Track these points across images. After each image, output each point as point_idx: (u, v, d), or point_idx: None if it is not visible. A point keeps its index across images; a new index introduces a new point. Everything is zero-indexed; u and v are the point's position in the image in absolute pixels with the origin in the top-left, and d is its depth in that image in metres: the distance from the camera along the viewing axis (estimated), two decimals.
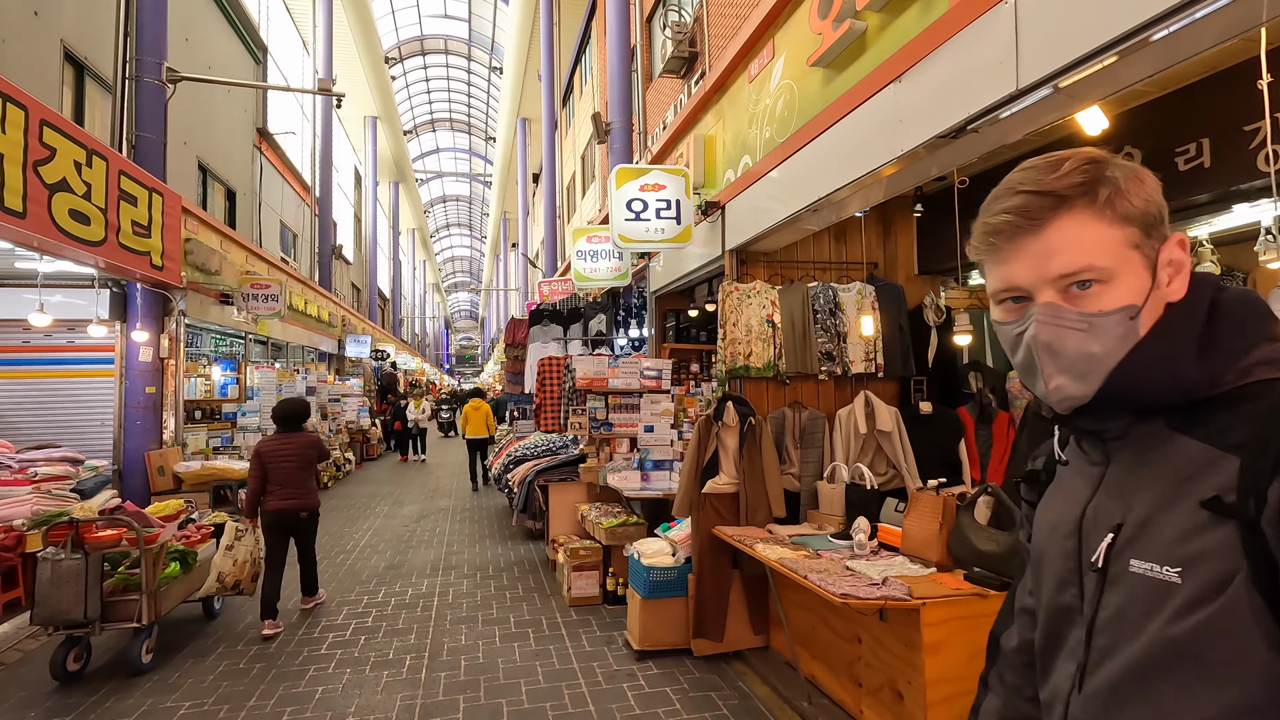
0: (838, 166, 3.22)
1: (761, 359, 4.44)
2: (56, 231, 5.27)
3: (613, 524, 5.22)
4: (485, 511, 9.22)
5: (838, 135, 3.24)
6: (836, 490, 4.22)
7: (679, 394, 6.27)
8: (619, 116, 8.76)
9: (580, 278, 6.43)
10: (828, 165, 3.34)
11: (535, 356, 8.44)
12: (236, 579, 4.75)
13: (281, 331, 11.70)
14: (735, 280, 4.52)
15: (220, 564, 4.67)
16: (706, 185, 4.94)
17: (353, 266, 26.35)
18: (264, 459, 4.88)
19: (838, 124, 3.19)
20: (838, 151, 3.25)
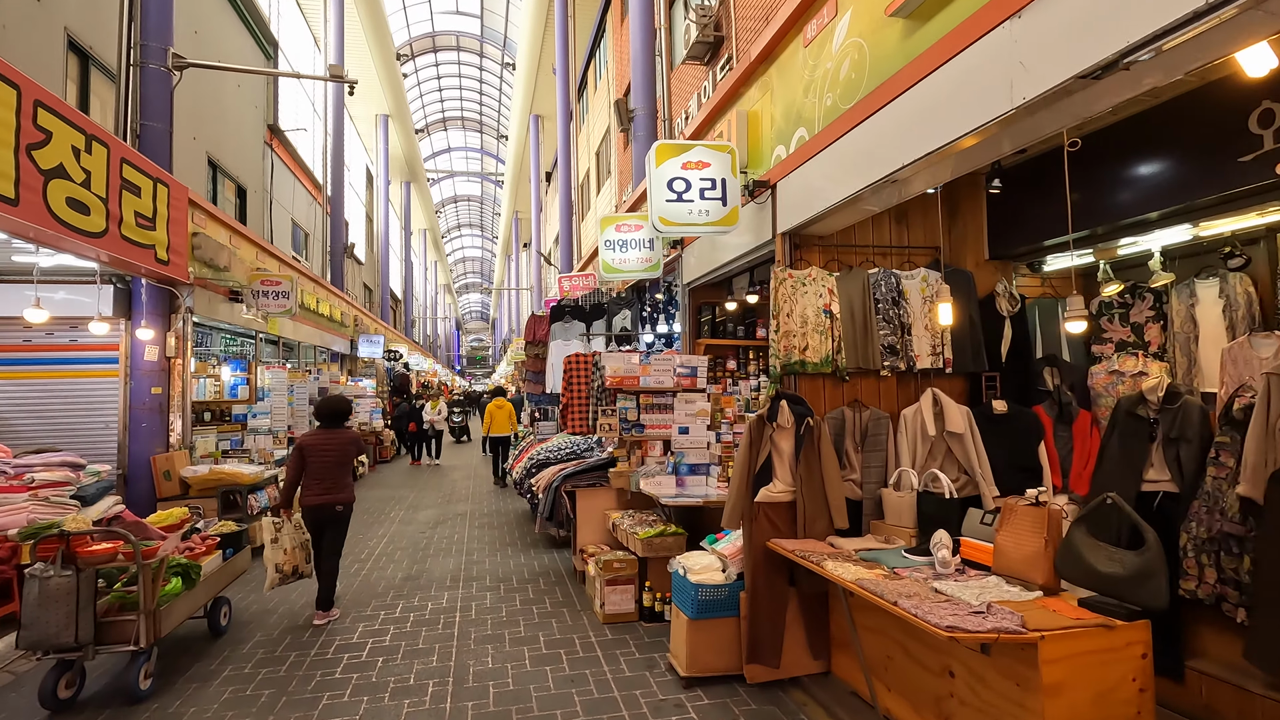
0: (926, 129, 2.79)
1: (818, 353, 4.01)
2: (53, 221, 4.92)
3: (649, 534, 4.80)
4: (504, 516, 8.83)
5: (926, 92, 2.81)
6: (905, 499, 3.79)
7: (715, 393, 5.85)
8: (643, 103, 8.36)
9: (609, 269, 6.02)
10: (911, 129, 2.91)
11: (557, 354, 8.04)
12: (293, 564, 4.95)
13: (293, 331, 11.38)
14: (789, 266, 4.09)
15: (272, 557, 4.89)
16: (750, 165, 4.52)
17: (365, 266, 26.10)
18: (304, 452, 4.98)
19: (927, 79, 2.76)
20: (926, 111, 2.82)
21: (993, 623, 2.44)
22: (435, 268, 50.88)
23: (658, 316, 7.84)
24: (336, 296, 14.97)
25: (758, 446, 3.94)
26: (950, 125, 2.64)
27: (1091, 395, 4.24)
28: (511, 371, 29.50)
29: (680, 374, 5.79)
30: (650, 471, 5.54)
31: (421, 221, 39.88)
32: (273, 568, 4.86)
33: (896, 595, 2.72)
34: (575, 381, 5.85)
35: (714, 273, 5.53)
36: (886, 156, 3.13)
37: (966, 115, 2.54)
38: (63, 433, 6.74)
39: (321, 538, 5.04)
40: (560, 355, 8.04)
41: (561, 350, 8.06)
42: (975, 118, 2.49)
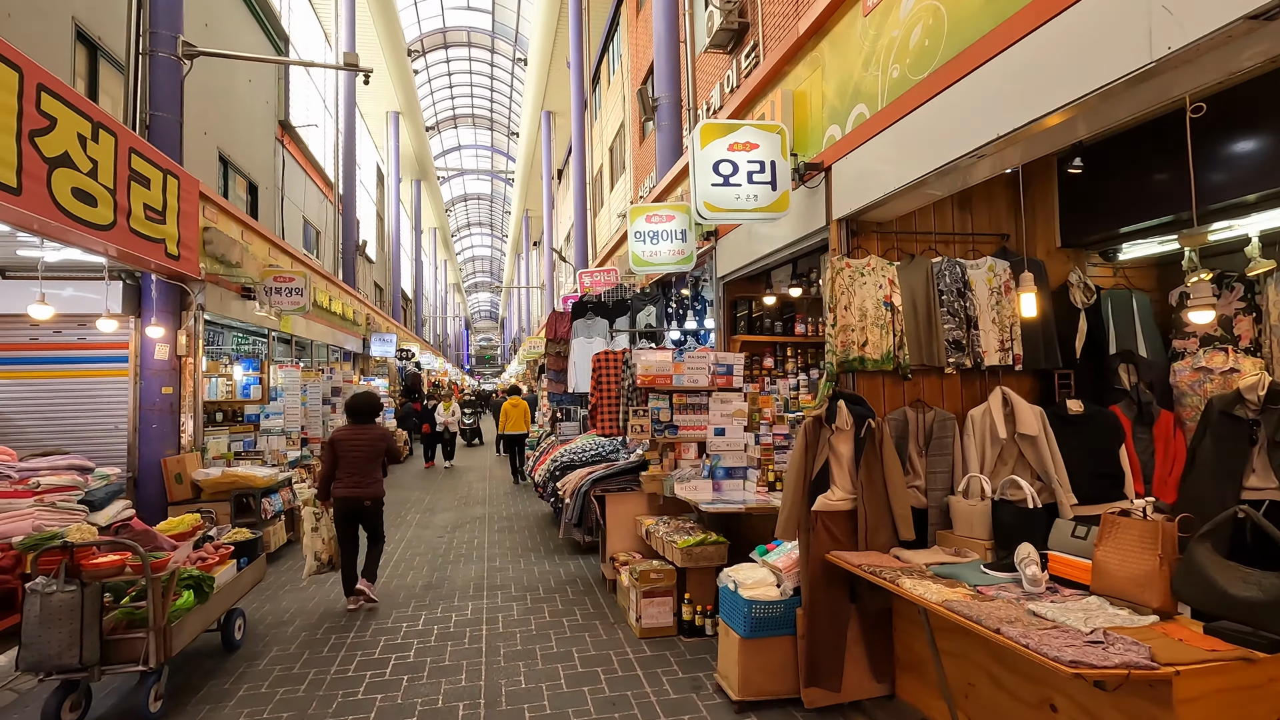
0: (1029, 94, 2.47)
1: (879, 348, 3.70)
2: (58, 212, 4.66)
3: (689, 543, 4.50)
4: (524, 520, 8.55)
5: (1030, 51, 2.49)
6: (977, 508, 3.47)
7: (752, 392, 5.54)
8: (667, 91, 8.05)
9: (639, 262, 5.72)
10: (1007, 96, 2.60)
11: (580, 352, 7.75)
12: (329, 554, 5.21)
13: (306, 329, 11.14)
14: (846, 255, 3.77)
15: (312, 545, 5.14)
16: (797, 148, 4.20)
17: (375, 265, 25.93)
18: (336, 447, 5.20)
19: (1033, 34, 2.44)
20: (1027, 73, 2.50)
21: (1120, 657, 2.12)
22: (445, 267, 50.75)
23: (684, 313, 7.54)
24: (349, 294, 14.74)
25: (814, 451, 3.62)
26: (1061, 87, 2.32)
27: (1174, 394, 3.90)
28: (524, 370, 29.30)
29: (715, 372, 5.49)
30: (685, 476, 5.23)
31: (431, 220, 39.72)
32: (312, 555, 5.13)
33: (997, 621, 2.41)
34: (605, 380, 5.55)
35: (751, 265, 5.22)
36: (971, 130, 2.81)
37: (1085, 74, 2.22)
38: (71, 434, 6.51)
39: (354, 528, 5.26)
40: (583, 353, 7.75)
41: (584, 348, 7.77)
42: (1096, 76, 2.17)
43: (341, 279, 16.18)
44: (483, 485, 11.68)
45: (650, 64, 14.75)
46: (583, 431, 7.97)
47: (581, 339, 7.79)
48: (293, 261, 9.94)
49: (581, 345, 7.78)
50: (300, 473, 8.91)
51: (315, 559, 5.12)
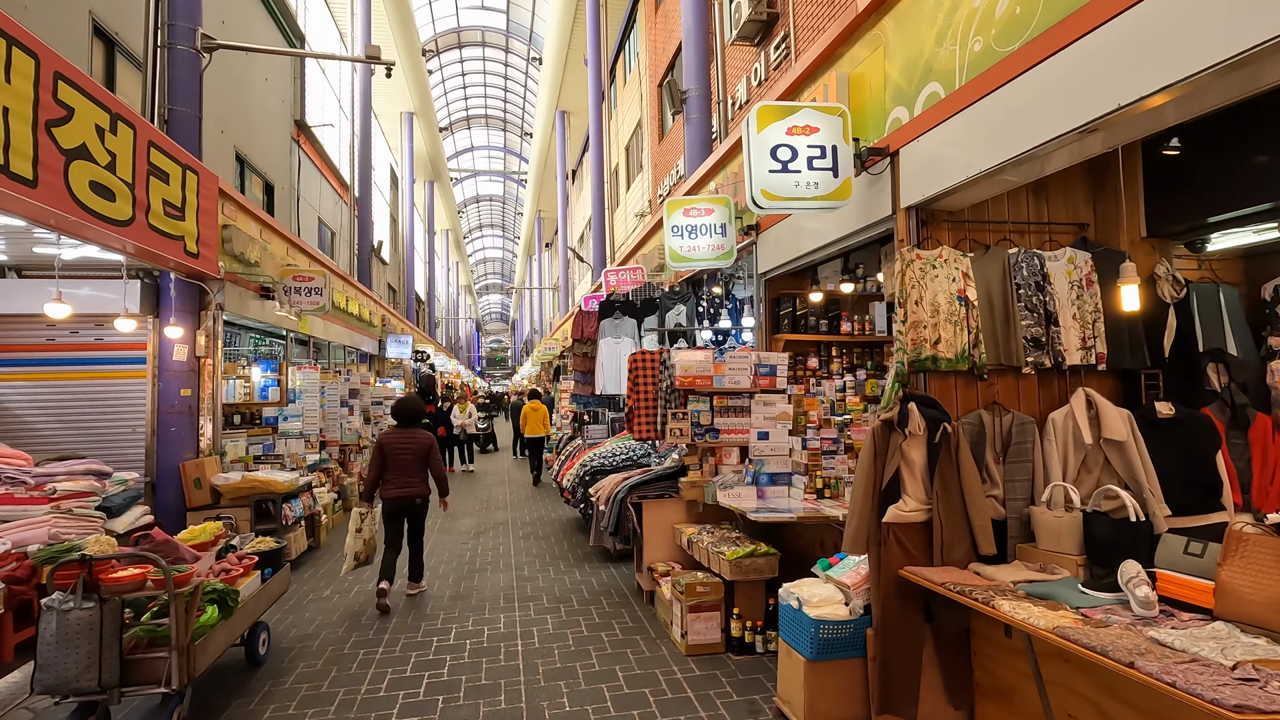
0: (1144, 66, 2.20)
1: (953, 347, 3.42)
2: (75, 206, 4.47)
3: (738, 554, 4.23)
4: (549, 525, 8.31)
5: (1147, 15, 2.21)
6: (1064, 521, 3.18)
7: (797, 394, 5.27)
8: (696, 83, 7.80)
9: (676, 258, 5.46)
10: (1118, 68, 2.32)
11: (606, 353, 7.51)
12: (367, 552, 5.52)
13: (324, 330, 10.96)
14: (915, 246, 3.50)
15: (353, 545, 5.43)
16: (856, 132, 3.92)
17: (389, 267, 25.83)
18: (385, 450, 5.46)
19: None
20: (1144, 42, 2.22)
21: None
22: (457, 269, 50.71)
23: (717, 312, 7.28)
24: (365, 295, 14.58)
25: (884, 458, 3.35)
26: (1190, 57, 2.05)
27: (1272, 396, 3.61)
28: (538, 372, 29.10)
29: (758, 373, 5.22)
30: (728, 482, 4.97)
31: (444, 222, 39.66)
32: (352, 556, 5.42)
33: (1127, 654, 2.13)
34: (642, 381, 5.29)
35: (798, 260, 4.95)
36: (1074, 106, 2.54)
37: (1226, 39, 1.95)
38: (88, 437, 6.33)
39: (400, 526, 5.54)
40: (610, 354, 7.51)
41: (612, 349, 7.52)
42: (1234, 42, 1.89)
43: (357, 280, 16.04)
44: (502, 489, 11.45)
45: (671, 59, 14.51)
46: (611, 435, 7.72)
47: (609, 339, 7.54)
48: (310, 261, 9.76)
49: (609, 346, 7.53)
50: (319, 476, 8.71)
51: (355, 559, 5.44)
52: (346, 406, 10.89)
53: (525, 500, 10.31)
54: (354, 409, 11.25)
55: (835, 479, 4.82)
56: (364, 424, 11.79)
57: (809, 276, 5.49)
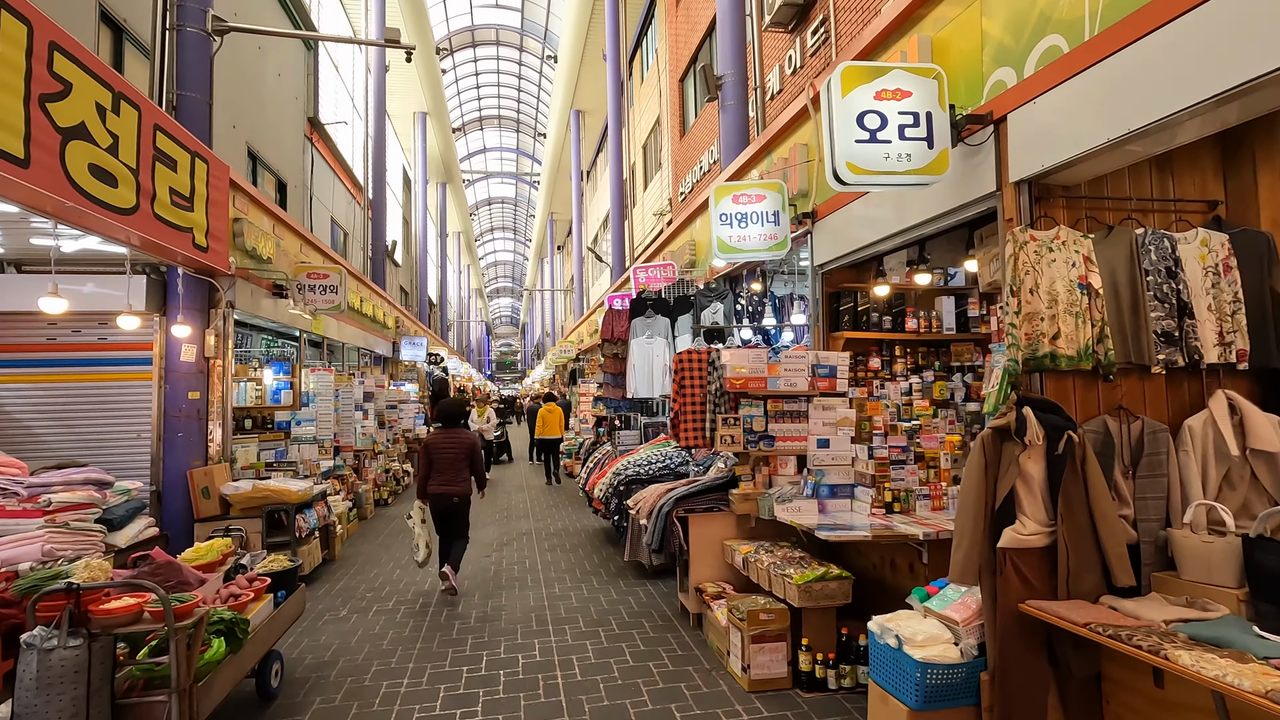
0: None
1: (1074, 342, 2.94)
2: (73, 190, 4.07)
3: (808, 578, 3.75)
4: (576, 537, 7.85)
5: None
6: (1217, 547, 2.69)
7: (859, 397, 4.79)
8: (732, 67, 7.36)
9: (725, 249, 5.01)
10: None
11: (638, 354, 7.05)
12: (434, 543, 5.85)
13: (338, 331, 10.58)
14: (1028, 226, 3.02)
15: (422, 535, 5.77)
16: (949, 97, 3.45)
17: (401, 269, 25.52)
18: (430, 451, 5.74)
19: None
20: None
21: None
22: (468, 272, 50.50)
23: (758, 310, 6.81)
24: (379, 296, 14.21)
25: (995, 472, 2.88)
26: None
27: None
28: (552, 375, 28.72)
29: (817, 374, 4.75)
30: (785, 495, 4.49)
31: (456, 225, 39.41)
32: (423, 545, 5.76)
33: None
34: (688, 384, 4.83)
35: (863, 250, 4.48)
36: (1234, 63, 2.07)
37: None
38: (89, 443, 5.93)
39: (444, 523, 5.77)
40: (643, 355, 7.06)
41: (644, 349, 7.07)
42: None
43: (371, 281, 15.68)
44: (521, 496, 11.00)
45: (694, 52, 14.07)
46: (644, 441, 7.27)
47: (641, 339, 7.09)
48: (324, 259, 9.38)
49: (641, 346, 7.07)
50: (334, 484, 8.31)
51: (425, 548, 5.76)
52: (361, 410, 10.49)
53: (548, 508, 9.85)
54: (368, 413, 10.86)
55: (905, 491, 4.34)
56: (379, 428, 11.40)
57: (870, 269, 5.01)
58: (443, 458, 5.68)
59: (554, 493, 11.39)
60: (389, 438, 12.11)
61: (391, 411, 12.49)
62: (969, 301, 5.01)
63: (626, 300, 7.28)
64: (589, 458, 8.47)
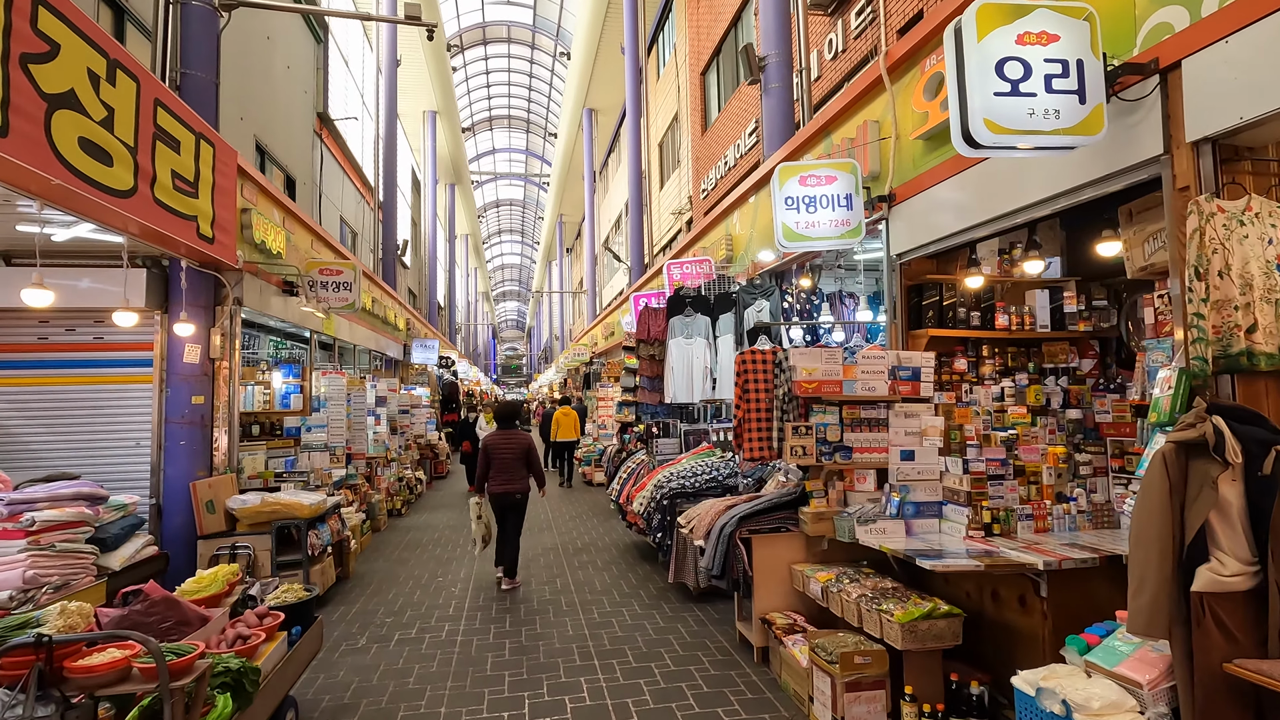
0: None
1: (1275, 337, 2.39)
2: (60, 166, 3.56)
3: (914, 615, 3.21)
4: (607, 552, 7.30)
5: None
6: None
7: (946, 403, 4.25)
8: (776, 48, 6.85)
9: (792, 236, 4.48)
10: None
11: (677, 355, 6.52)
12: (489, 535, 6.15)
13: (349, 333, 10.08)
14: (1213, 195, 2.48)
15: (478, 530, 6.11)
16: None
17: (410, 272, 25.07)
18: (489, 451, 6.00)
19: None
20: None
21: None
22: (475, 275, 50.08)
23: (808, 308, 6.28)
24: (391, 297, 13.73)
25: (1182, 496, 2.33)
26: None
27: None
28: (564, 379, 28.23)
29: (899, 377, 4.21)
30: (868, 514, 3.95)
31: (464, 227, 38.99)
32: (479, 539, 6.11)
33: None
34: (753, 388, 4.29)
35: (955, 236, 3.95)
36: None
37: None
38: (83, 453, 5.43)
39: (505, 520, 6.04)
40: (681, 356, 6.53)
41: (683, 350, 6.54)
42: None
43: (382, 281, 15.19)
44: (541, 506, 10.46)
45: (718, 42, 13.57)
46: (684, 450, 6.73)
47: (679, 339, 6.56)
48: (336, 256, 8.89)
49: (680, 347, 6.54)
50: (346, 494, 7.79)
51: (482, 541, 6.10)
52: (373, 415, 9.98)
53: (572, 520, 9.31)
54: (381, 418, 10.35)
55: (1005, 510, 3.80)
56: (391, 434, 10.88)
57: (955, 258, 4.47)
58: (502, 458, 5.95)
59: (573, 501, 10.85)
60: (401, 444, 11.59)
61: (404, 416, 11.98)
62: (1064, 295, 4.46)
63: (660, 298, 6.75)
64: (618, 466, 7.92)
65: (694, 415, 7.30)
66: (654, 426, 7.26)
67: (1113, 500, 4.07)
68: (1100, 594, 3.35)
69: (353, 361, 11.77)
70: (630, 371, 9.75)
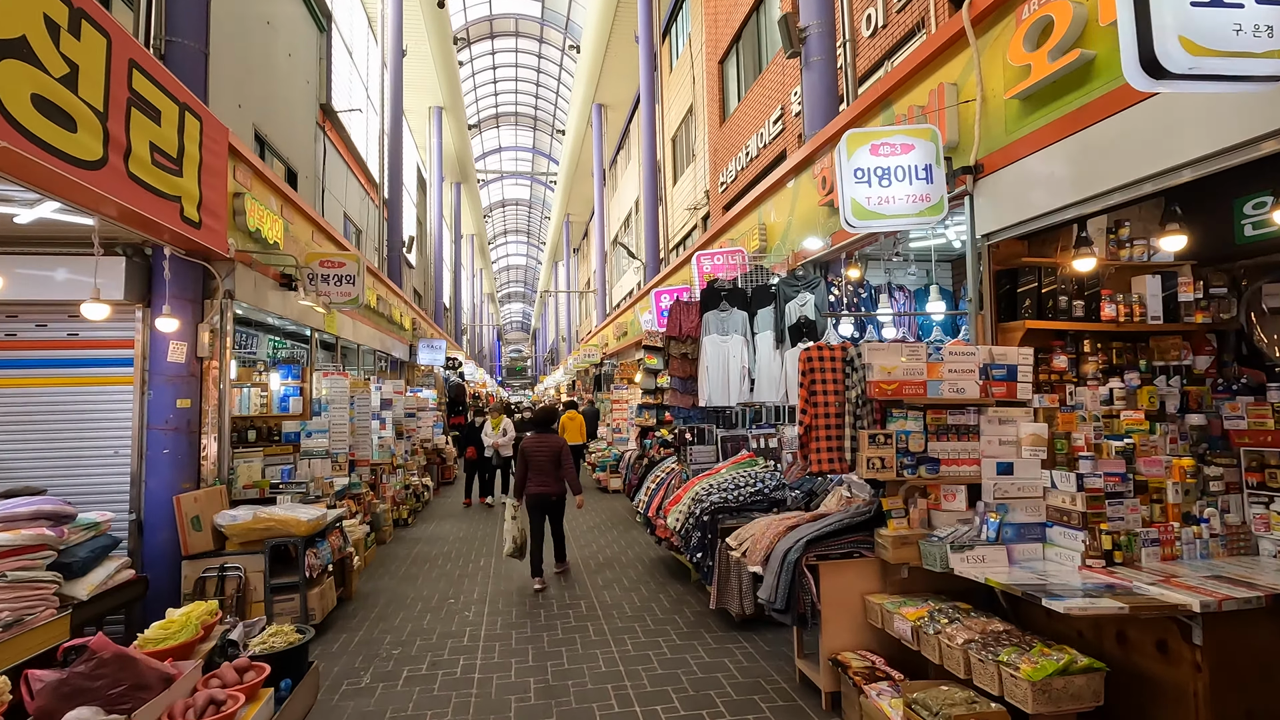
0: None
1: None
2: (8, 126, 2.99)
3: (1047, 671, 2.60)
4: (632, 569, 6.70)
5: None
6: None
7: (1048, 406, 3.64)
8: (818, 16, 6.25)
9: (862, 214, 3.86)
10: None
11: (712, 354, 5.93)
12: (522, 539, 6.23)
13: (352, 331, 9.51)
14: None
15: (511, 530, 6.21)
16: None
17: (416, 271, 24.55)
18: (526, 454, 6.20)
19: None
20: None
21: None
22: (481, 275, 49.60)
23: (862, 302, 5.68)
24: (396, 295, 13.17)
25: None
26: None
27: None
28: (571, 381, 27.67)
29: (991, 376, 3.60)
30: (962, 538, 3.34)
31: (470, 227, 38.50)
32: (510, 540, 6.18)
33: None
34: (821, 389, 3.68)
35: (1065, 210, 3.35)
36: None
37: None
38: (56, 462, 4.86)
39: (542, 519, 6.28)
40: (717, 356, 5.93)
41: (718, 349, 5.94)
42: None
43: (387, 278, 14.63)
44: None
45: (737, 29, 12.98)
46: (722, 458, 6.13)
47: (714, 336, 5.96)
48: (338, 249, 8.33)
49: (715, 345, 5.95)
50: (349, 505, 7.21)
51: (512, 541, 6.19)
52: (378, 419, 9.40)
53: (589, 530, 8.71)
54: (386, 422, 9.77)
55: (1127, 535, 3.21)
56: (396, 439, 10.31)
57: (1052, 240, 3.86)
58: (537, 460, 6.18)
59: (588, 509, 10.25)
60: (407, 449, 11.01)
61: (410, 420, 11.41)
62: (1179, 282, 3.84)
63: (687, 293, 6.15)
64: (642, 476, 7.33)
65: (732, 420, 6.70)
66: (686, 432, 6.66)
67: (1249, 522, 3.47)
68: (1264, 641, 2.75)
69: (356, 363, 11.21)
70: (650, 372, 9.15)
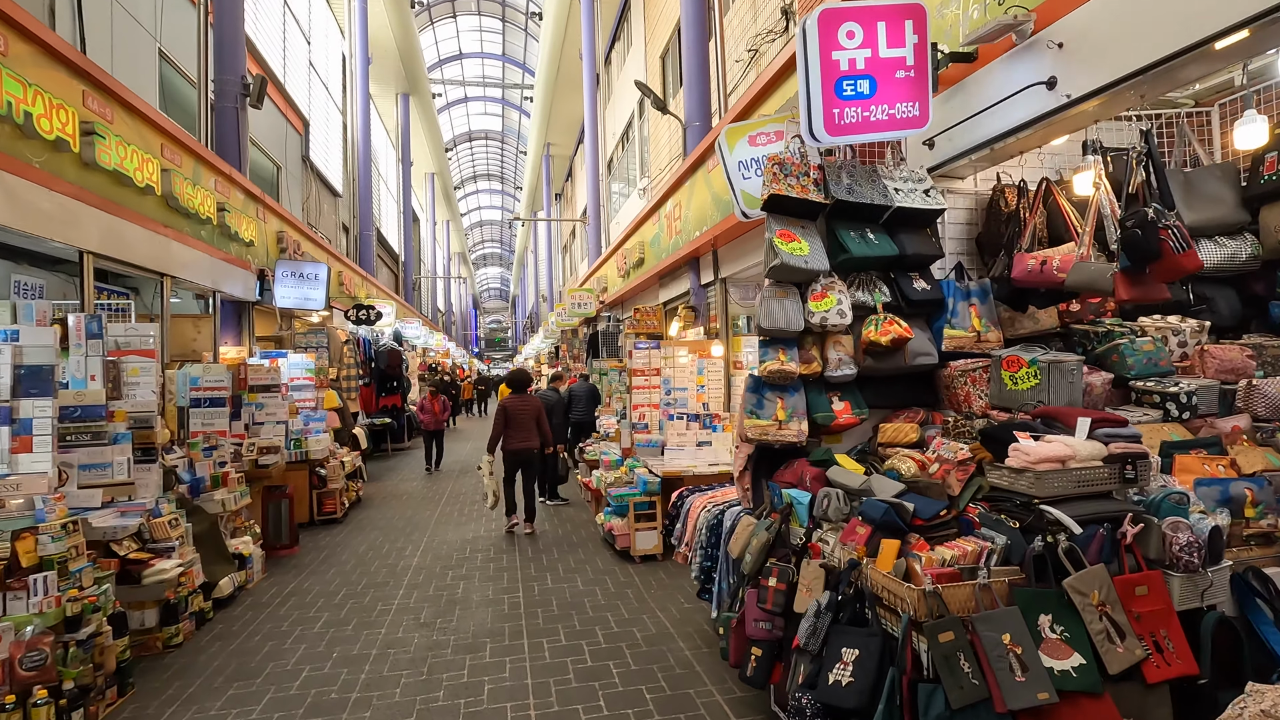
0: None
1: None
2: None
3: None
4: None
5: None
6: None
7: None
8: None
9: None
10: None
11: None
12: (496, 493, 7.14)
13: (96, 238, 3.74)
14: None
15: (490, 485, 7.08)
16: None
17: (341, 200, 18.58)
18: (508, 412, 7.03)
19: None
20: None
21: None
22: (447, 228, 43.34)
23: None
24: (222, 175, 7.36)
25: None
26: None
27: None
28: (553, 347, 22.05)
29: None
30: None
31: (428, 162, 32.24)
32: (491, 494, 7.07)
33: None
34: None
35: None
36: None
37: None
38: None
39: (515, 472, 7.12)
40: None
41: None
42: None
43: (214, 140, 8.50)
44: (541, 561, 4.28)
45: None
46: None
47: None
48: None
49: None
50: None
51: (493, 496, 7.05)
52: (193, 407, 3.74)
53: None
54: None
55: None
56: (142, 462, 4.64)
57: None
58: (518, 418, 6.97)
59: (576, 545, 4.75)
60: (209, 471, 5.33)
61: (211, 412, 5.69)
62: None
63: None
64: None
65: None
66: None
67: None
68: None
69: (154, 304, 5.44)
70: (784, 270, 3.45)
